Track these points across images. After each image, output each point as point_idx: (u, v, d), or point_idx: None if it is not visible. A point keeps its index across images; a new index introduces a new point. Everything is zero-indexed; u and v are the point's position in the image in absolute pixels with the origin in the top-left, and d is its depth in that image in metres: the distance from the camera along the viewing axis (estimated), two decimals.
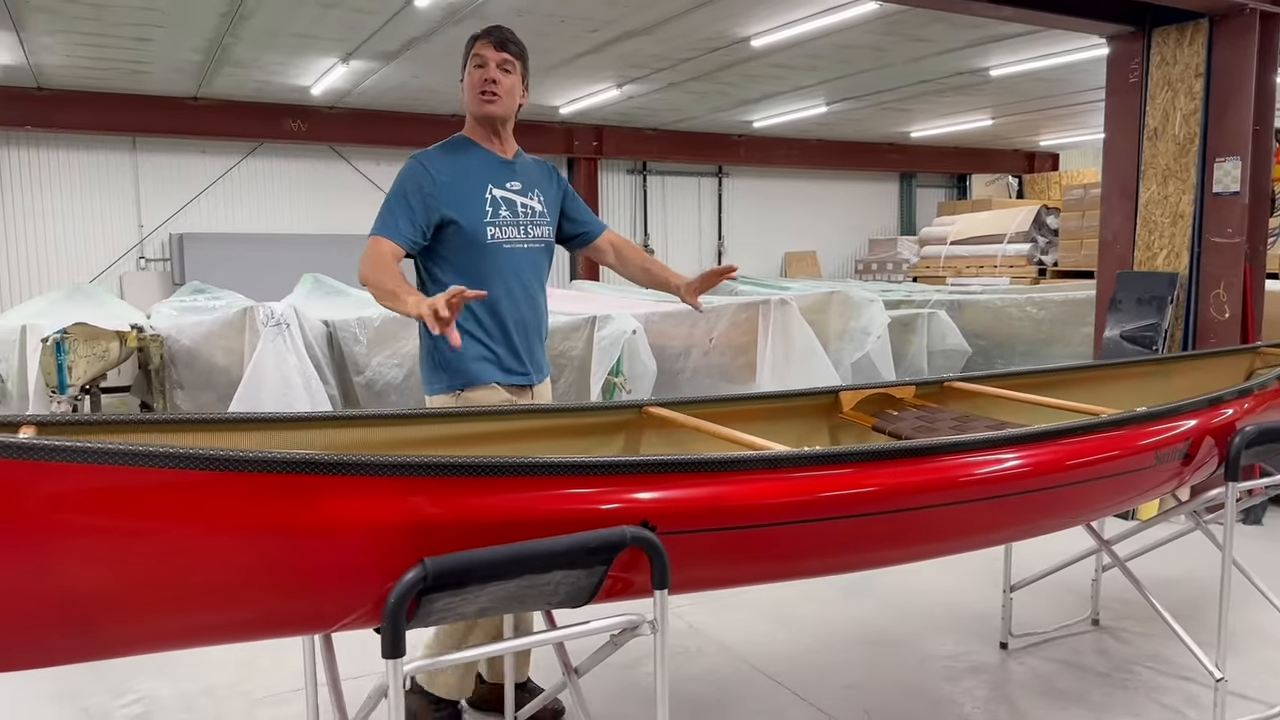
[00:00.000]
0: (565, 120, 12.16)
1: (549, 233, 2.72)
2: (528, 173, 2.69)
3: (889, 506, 2.05)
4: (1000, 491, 2.21)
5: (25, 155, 10.21)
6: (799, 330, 6.01)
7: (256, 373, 4.92)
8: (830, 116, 12.02)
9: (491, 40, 2.53)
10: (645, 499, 1.85)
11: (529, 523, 1.76)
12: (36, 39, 7.45)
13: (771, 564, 2.02)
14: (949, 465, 2.12)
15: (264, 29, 7.23)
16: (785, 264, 15.53)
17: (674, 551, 1.84)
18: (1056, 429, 2.32)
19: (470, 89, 2.55)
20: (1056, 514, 2.37)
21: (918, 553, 2.24)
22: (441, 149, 2.60)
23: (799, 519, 1.97)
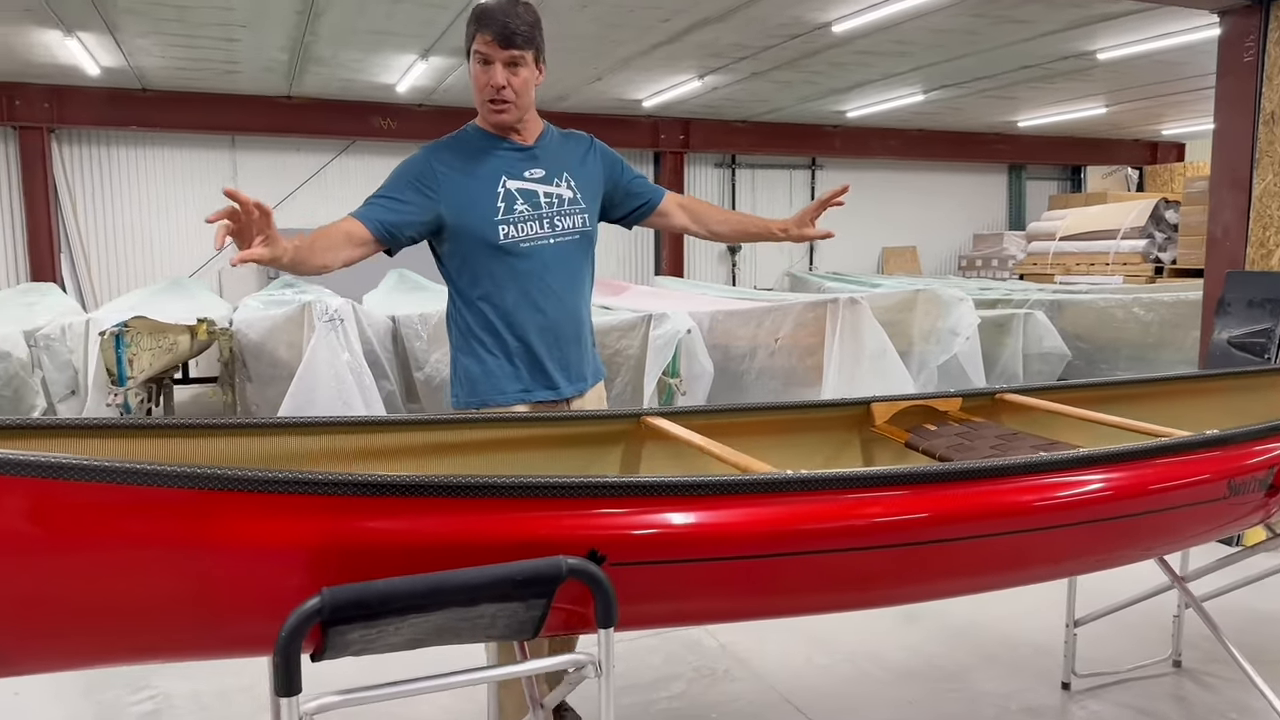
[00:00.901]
0: (650, 114, 11.99)
1: (585, 220, 2.37)
2: (553, 155, 2.34)
3: (886, 540, 1.79)
4: (1029, 525, 1.92)
5: (132, 154, 10.69)
6: (870, 331, 5.68)
7: (309, 368, 4.93)
8: (929, 105, 11.48)
9: (494, 35, 2.14)
10: (595, 526, 1.66)
11: (457, 549, 1.59)
12: (131, 41, 7.74)
13: (750, 600, 1.79)
14: (963, 494, 1.84)
15: (340, 26, 7.32)
16: (882, 260, 14.98)
17: (632, 584, 1.66)
18: (1101, 454, 2.01)
19: (476, 92, 2.23)
20: (1098, 552, 2.06)
21: (925, 592, 1.98)
22: (450, 141, 2.31)
23: (776, 552, 1.74)
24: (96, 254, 10.68)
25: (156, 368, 5.44)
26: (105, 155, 10.60)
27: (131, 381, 4.70)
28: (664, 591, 1.72)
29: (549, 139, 2.37)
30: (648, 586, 1.70)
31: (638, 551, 1.67)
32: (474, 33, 2.19)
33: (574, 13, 6.84)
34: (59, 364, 5.27)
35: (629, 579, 1.66)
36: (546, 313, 2.32)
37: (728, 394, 6.29)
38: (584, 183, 2.38)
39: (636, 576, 1.67)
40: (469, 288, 2.31)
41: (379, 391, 5.79)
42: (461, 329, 2.36)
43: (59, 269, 10.22)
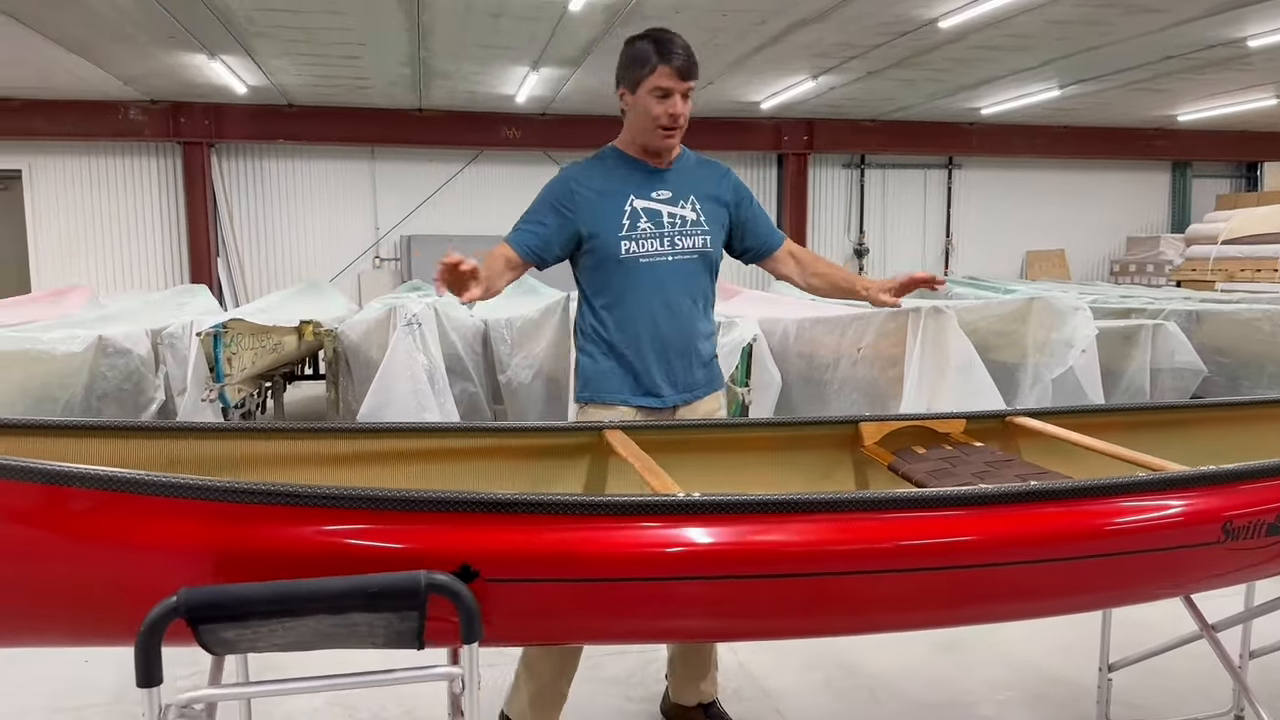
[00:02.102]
0: (772, 115, 11.83)
1: (706, 242, 2.50)
2: (684, 179, 2.50)
3: (779, 569, 1.72)
4: (957, 561, 1.80)
5: (282, 165, 11.53)
6: (956, 343, 5.38)
7: (387, 370, 5.16)
8: (1070, 100, 10.79)
9: (676, 69, 2.30)
10: (470, 541, 1.68)
11: (334, 557, 1.65)
12: (268, 61, 8.36)
13: (636, 623, 1.76)
14: (885, 523, 1.75)
15: (449, 41, 7.64)
16: (1026, 264, 14.19)
17: (511, 600, 1.67)
18: (1055, 489, 1.85)
19: (646, 118, 2.36)
20: (1047, 595, 1.89)
21: (839, 625, 1.88)
22: (590, 164, 2.51)
23: (665, 575, 1.70)
24: (250, 258, 11.58)
25: (261, 366, 5.85)
26: (258, 167, 11.48)
27: (229, 379, 5.07)
28: (545, 610, 1.71)
29: (683, 163, 2.53)
30: (527, 604, 1.70)
31: (515, 568, 1.67)
32: (654, 66, 2.32)
33: (668, 17, 6.85)
34: (179, 360, 5.72)
35: (507, 596, 1.67)
36: (658, 324, 2.47)
37: (810, 404, 6.13)
38: (709, 208, 2.52)
39: (515, 593, 1.68)
40: (594, 295, 2.51)
41: (461, 394, 6.02)
42: (584, 331, 2.56)
43: (215, 271, 11.14)
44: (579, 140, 11.61)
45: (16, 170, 10.82)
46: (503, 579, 1.66)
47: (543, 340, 5.67)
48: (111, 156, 11.01)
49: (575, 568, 1.68)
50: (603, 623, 1.75)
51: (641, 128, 2.39)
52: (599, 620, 1.74)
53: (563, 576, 1.68)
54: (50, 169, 10.88)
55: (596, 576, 1.69)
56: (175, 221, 11.21)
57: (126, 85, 9.53)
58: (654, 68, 2.31)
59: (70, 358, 4.92)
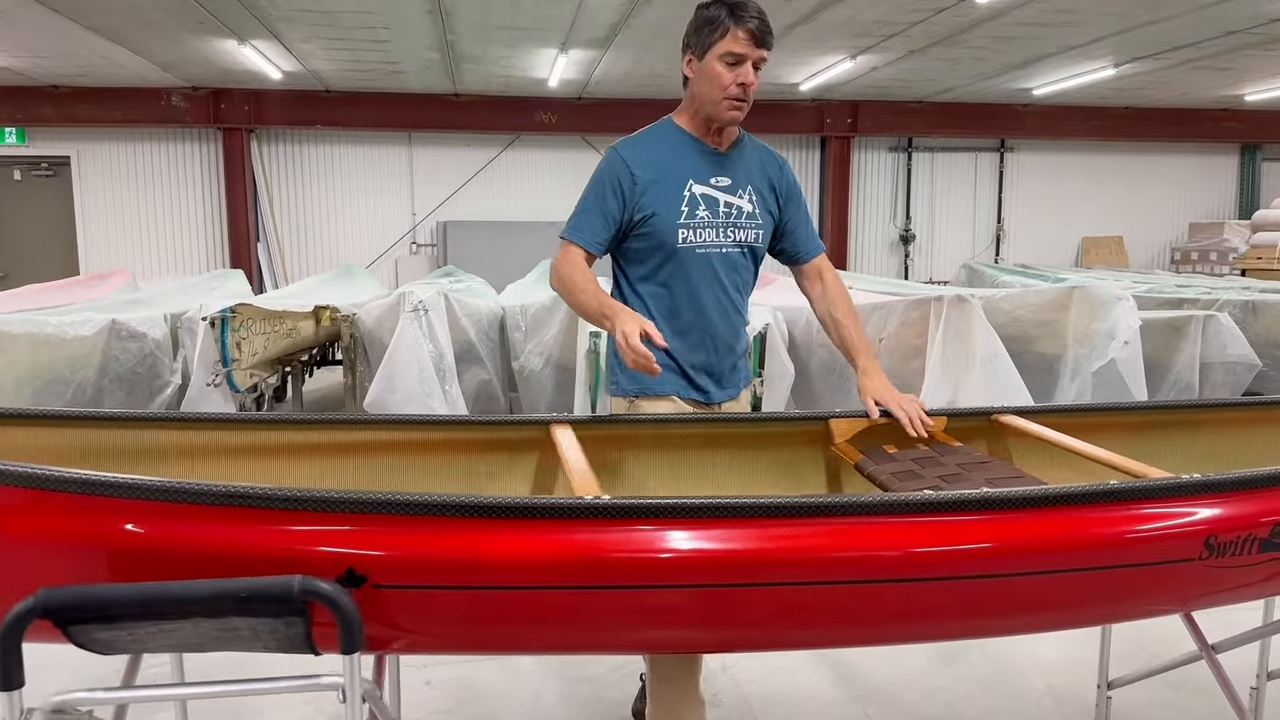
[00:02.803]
0: (815, 97, 11.54)
1: (757, 236, 2.36)
2: (742, 166, 2.34)
3: (687, 580, 1.58)
4: (870, 575, 1.63)
5: (321, 150, 11.59)
6: (980, 333, 5.16)
7: (392, 357, 5.12)
8: (1127, 80, 10.29)
9: (751, 32, 2.12)
10: (356, 544, 1.57)
11: (217, 558, 1.56)
12: (297, 46, 8.37)
13: (539, 633, 1.64)
14: (788, 532, 1.59)
15: (473, 23, 7.55)
16: (1081, 251, 13.65)
17: (399, 607, 1.57)
18: (1003, 497, 1.68)
19: (713, 87, 2.17)
20: (1003, 613, 1.72)
21: (743, 639, 1.73)
22: (644, 139, 2.32)
23: (565, 584, 1.58)
24: (290, 242, 11.69)
25: (275, 351, 5.84)
26: (298, 153, 11.56)
27: (237, 364, 5.07)
28: (438, 618, 1.60)
29: (743, 149, 2.37)
30: (418, 611, 1.59)
31: (404, 574, 1.56)
32: (727, 28, 2.14)
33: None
34: (198, 345, 5.77)
35: (396, 602, 1.57)
36: (711, 317, 2.34)
37: (833, 395, 5.94)
38: (764, 200, 2.38)
39: (405, 600, 1.57)
40: (640, 280, 2.35)
41: (474, 382, 5.95)
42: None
43: (254, 256, 11.28)
44: (615, 124, 11.45)
45: (66, 156, 11.07)
46: (391, 585, 1.55)
47: (554, 327, 5.57)
48: (155, 143, 11.19)
49: (469, 574, 1.56)
50: (504, 633, 1.63)
51: (707, 98, 2.20)
52: (499, 630, 1.62)
53: (456, 583, 1.57)
54: (97, 155, 11.10)
55: (492, 584, 1.57)
56: (216, 206, 11.37)
57: (166, 72, 9.65)
58: (726, 30, 2.13)
59: (81, 341, 4.97)
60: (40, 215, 11.21)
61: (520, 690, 3.01)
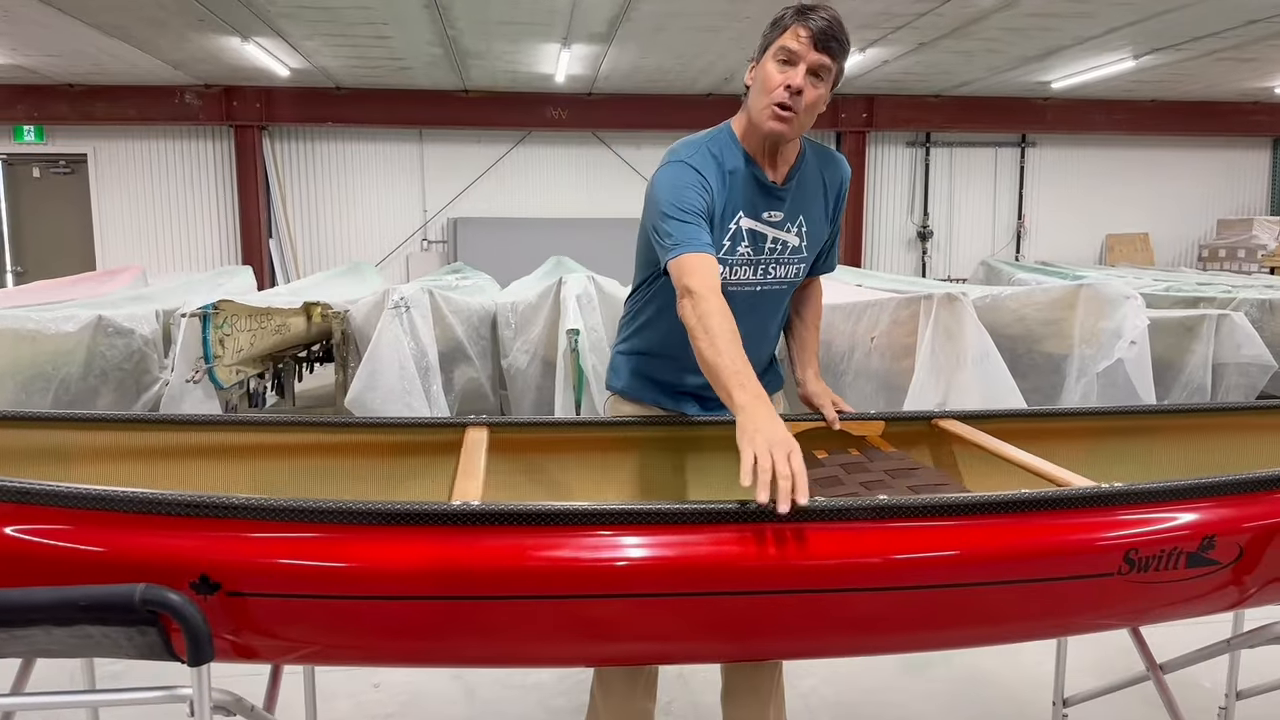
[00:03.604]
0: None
1: (800, 271, 2.14)
2: (799, 196, 2.08)
3: (566, 588, 1.50)
4: (740, 587, 1.54)
5: (331, 148, 11.63)
6: (972, 333, 5.02)
7: (373, 354, 5.08)
8: (1149, 72, 10.02)
9: (810, 31, 1.87)
10: (210, 549, 1.50)
11: (63, 564, 1.51)
12: (301, 42, 8.38)
13: (406, 646, 1.56)
14: (661, 541, 1.52)
15: (471, 18, 7.51)
16: (1105, 248, 13.35)
17: (256, 616, 1.50)
18: (898, 505, 1.58)
19: (763, 89, 1.93)
20: (891, 630, 1.62)
21: (619, 652, 1.64)
22: (707, 152, 2.02)
23: (430, 594, 1.51)
24: (302, 239, 11.74)
25: (262, 347, 5.83)
26: (310, 149, 11.61)
27: (219, 360, 5.06)
28: (296, 628, 1.53)
29: (802, 170, 2.09)
30: (274, 621, 1.52)
31: (260, 581, 1.50)
32: (786, 25, 1.93)
33: None
34: None
35: (252, 611, 1.50)
36: None
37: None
38: (816, 231, 2.14)
39: (261, 609, 1.51)
40: (662, 292, 2.10)
41: (460, 379, 5.91)
42: (639, 327, 2.23)
43: (267, 252, 11.34)
44: (626, 119, 11.41)
45: (83, 154, 11.21)
46: (246, 593, 1.49)
47: (540, 324, 5.51)
48: (169, 140, 11.29)
49: (325, 582, 1.50)
50: (367, 644, 1.56)
51: (755, 103, 1.95)
52: (361, 641, 1.55)
53: (311, 592, 1.50)
54: (114, 153, 11.23)
55: (349, 593, 1.50)
56: (229, 203, 11.45)
57: (177, 70, 9.72)
58: (786, 27, 1.91)
59: (64, 338, 4.98)
60: (58, 212, 11.36)
61: (469, 696, 2.96)
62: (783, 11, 1.94)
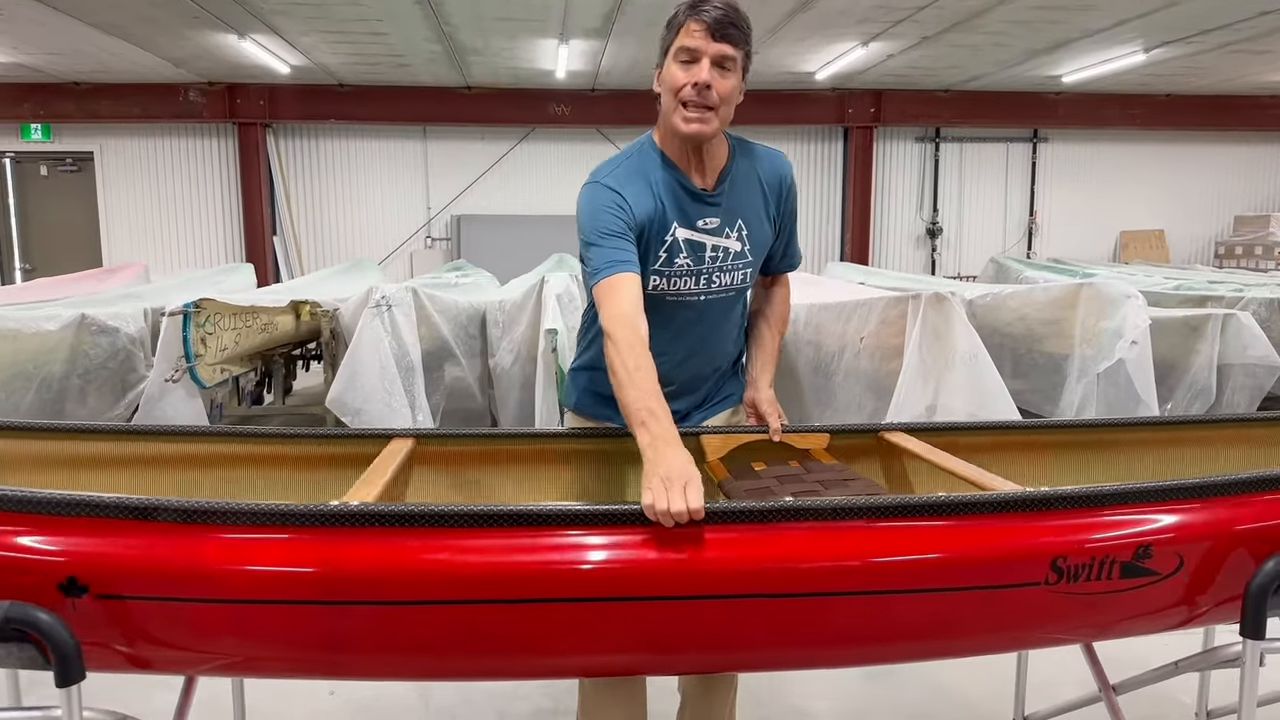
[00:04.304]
0: (834, 87, 11.23)
1: (747, 276, 2.05)
2: (735, 200, 2.00)
3: (450, 594, 1.44)
4: (633, 592, 1.48)
5: (335, 145, 11.62)
6: (961, 334, 4.90)
7: (354, 354, 5.03)
8: (1161, 65, 9.83)
9: (705, 23, 1.81)
10: (77, 550, 1.44)
11: None
12: (298, 40, 8.36)
13: (290, 654, 1.50)
14: (544, 545, 1.46)
15: (465, 14, 7.46)
16: (1119, 245, 13.14)
17: (129, 622, 1.44)
18: (803, 508, 1.51)
19: (670, 93, 1.86)
20: (796, 642, 1.54)
21: (497, 666, 1.57)
22: (632, 173, 1.95)
23: (311, 599, 1.45)
24: (306, 236, 11.75)
25: (248, 346, 5.80)
26: (314, 147, 11.61)
27: (200, 359, 5.03)
28: (171, 633, 1.47)
29: (735, 173, 2.00)
30: (147, 626, 1.45)
31: (130, 583, 1.43)
32: (680, 24, 1.86)
33: None
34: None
35: (123, 615, 1.44)
36: (673, 368, 2.04)
37: (818, 397, 5.73)
38: (759, 234, 2.05)
39: (132, 613, 1.44)
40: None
41: (447, 379, 5.86)
42: (589, 343, 2.18)
43: (270, 250, 11.36)
44: (629, 115, 11.30)
45: (89, 152, 11.26)
46: (116, 595, 1.43)
47: (523, 324, 5.44)
48: (174, 138, 11.32)
49: (197, 585, 1.44)
50: (243, 649, 1.50)
51: (667, 109, 1.88)
52: (239, 649, 1.49)
53: (182, 595, 1.44)
54: (119, 150, 11.27)
55: (223, 596, 1.44)
56: (233, 200, 11.47)
57: (179, 68, 9.74)
58: (681, 25, 1.84)
59: (45, 336, 4.97)
60: (66, 210, 11.43)
61: (425, 704, 2.91)
62: (675, 10, 1.88)
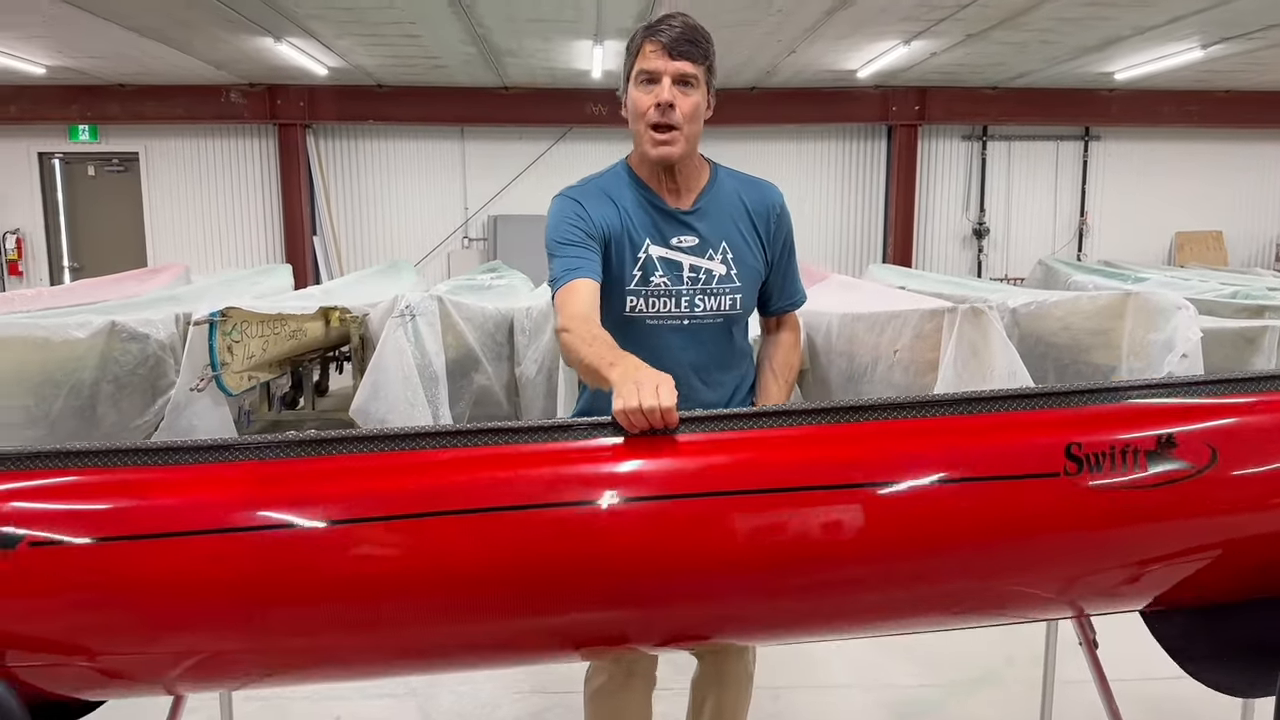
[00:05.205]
0: (878, 85, 10.98)
1: (736, 302, 1.94)
2: (716, 219, 1.94)
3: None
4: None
5: (373, 146, 11.66)
6: (1000, 350, 4.73)
7: (377, 363, 5.01)
8: (1219, 62, 9.44)
9: (662, 44, 1.80)
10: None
11: None
12: (335, 42, 8.38)
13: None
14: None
15: (499, 16, 7.40)
16: (1175, 246, 12.70)
17: (73, 564, 1.35)
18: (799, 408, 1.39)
19: (635, 116, 1.87)
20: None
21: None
22: (597, 189, 1.94)
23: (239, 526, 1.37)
24: (345, 236, 11.82)
25: (277, 353, 5.81)
26: (353, 147, 11.66)
27: (226, 367, 5.03)
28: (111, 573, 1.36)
29: (715, 195, 1.96)
30: (88, 567, 1.35)
31: (64, 526, 1.35)
32: (637, 47, 1.86)
33: None
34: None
35: (62, 560, 1.35)
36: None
37: None
38: (746, 256, 1.97)
39: (69, 557, 1.35)
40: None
41: (472, 386, 5.80)
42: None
43: (310, 250, 11.44)
44: None
45: (134, 153, 11.44)
46: (51, 539, 1.34)
47: (547, 332, 5.37)
48: (216, 139, 11.45)
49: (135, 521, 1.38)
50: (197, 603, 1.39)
51: (635, 132, 1.88)
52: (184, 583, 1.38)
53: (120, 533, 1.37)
54: (164, 151, 11.43)
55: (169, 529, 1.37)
56: (274, 200, 11.57)
57: (220, 70, 9.83)
58: (638, 48, 1.85)
59: (75, 344, 5.00)
60: (112, 209, 11.63)
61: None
62: (632, 34, 1.89)
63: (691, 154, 1.91)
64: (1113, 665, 1.96)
